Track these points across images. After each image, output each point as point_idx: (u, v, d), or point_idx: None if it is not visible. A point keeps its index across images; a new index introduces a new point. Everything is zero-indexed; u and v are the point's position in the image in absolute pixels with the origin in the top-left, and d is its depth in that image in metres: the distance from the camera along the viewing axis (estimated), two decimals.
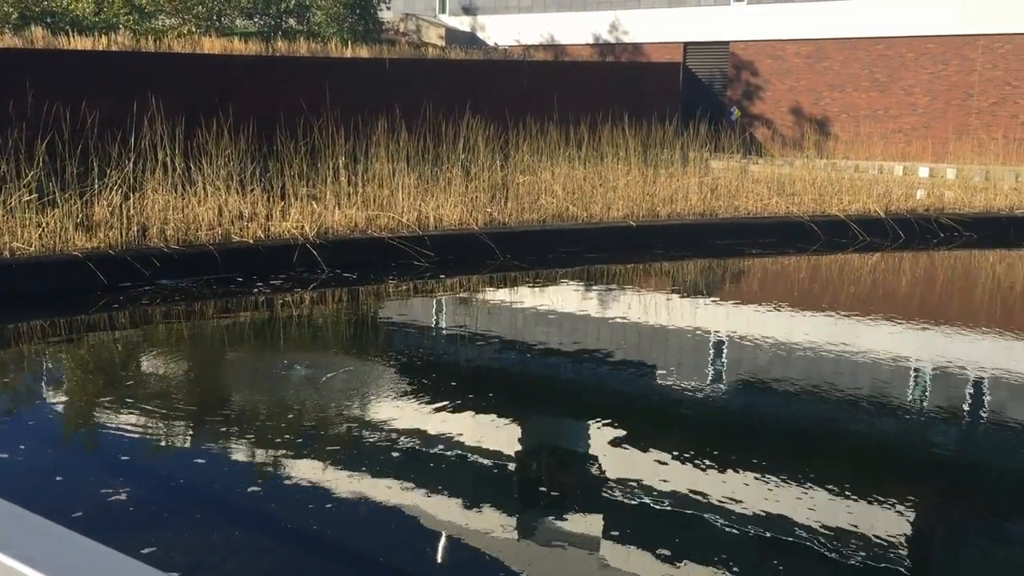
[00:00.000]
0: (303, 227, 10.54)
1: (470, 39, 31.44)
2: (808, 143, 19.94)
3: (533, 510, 4.85)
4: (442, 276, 10.68)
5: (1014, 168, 19.50)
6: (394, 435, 5.66)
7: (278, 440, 5.50)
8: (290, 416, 5.97)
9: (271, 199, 11.17)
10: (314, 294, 9.63)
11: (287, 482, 4.96)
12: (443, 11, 32.50)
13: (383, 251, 10.79)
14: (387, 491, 4.82)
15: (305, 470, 5.08)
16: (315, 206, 11.29)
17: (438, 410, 6.15)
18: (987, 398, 6.89)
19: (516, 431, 6.05)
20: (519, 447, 5.75)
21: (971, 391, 7.05)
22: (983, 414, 6.54)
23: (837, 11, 28.35)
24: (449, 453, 5.43)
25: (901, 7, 27.48)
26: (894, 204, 14.78)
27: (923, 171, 20.82)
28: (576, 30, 30.85)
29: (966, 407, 6.67)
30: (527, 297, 10.22)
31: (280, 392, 6.58)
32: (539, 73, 25.29)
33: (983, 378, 7.31)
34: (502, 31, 31.56)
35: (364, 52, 23.41)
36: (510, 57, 29.19)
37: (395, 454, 5.35)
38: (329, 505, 4.62)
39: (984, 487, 5.21)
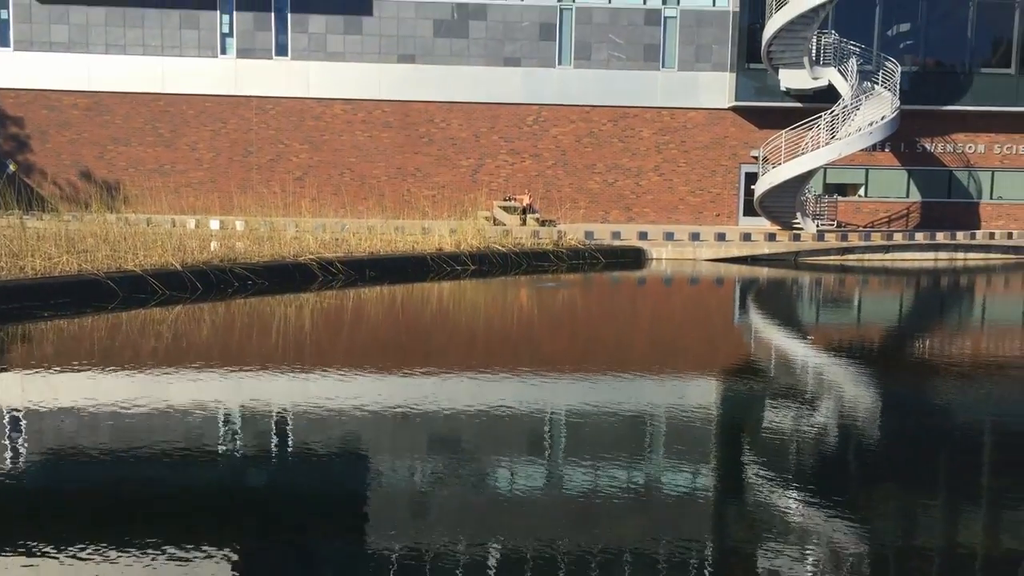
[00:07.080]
0: None
1: None
2: (96, 197, 19.25)
3: None
4: None
5: (294, 219, 21.38)
6: None
7: None
8: None
9: None
10: None
11: None
12: None
13: None
14: None
15: None
16: None
17: None
18: (290, 433, 7.34)
19: None
20: None
21: (266, 428, 7.45)
22: (296, 448, 6.94)
23: (114, 65, 28.04)
24: None
25: (176, 65, 28.29)
26: (190, 257, 15.05)
27: (214, 223, 21.63)
28: None
29: (274, 446, 7.01)
30: None
31: None
32: None
33: (288, 415, 7.79)
34: None
35: None
36: None
37: None
38: None
39: (313, 515, 5.52)
